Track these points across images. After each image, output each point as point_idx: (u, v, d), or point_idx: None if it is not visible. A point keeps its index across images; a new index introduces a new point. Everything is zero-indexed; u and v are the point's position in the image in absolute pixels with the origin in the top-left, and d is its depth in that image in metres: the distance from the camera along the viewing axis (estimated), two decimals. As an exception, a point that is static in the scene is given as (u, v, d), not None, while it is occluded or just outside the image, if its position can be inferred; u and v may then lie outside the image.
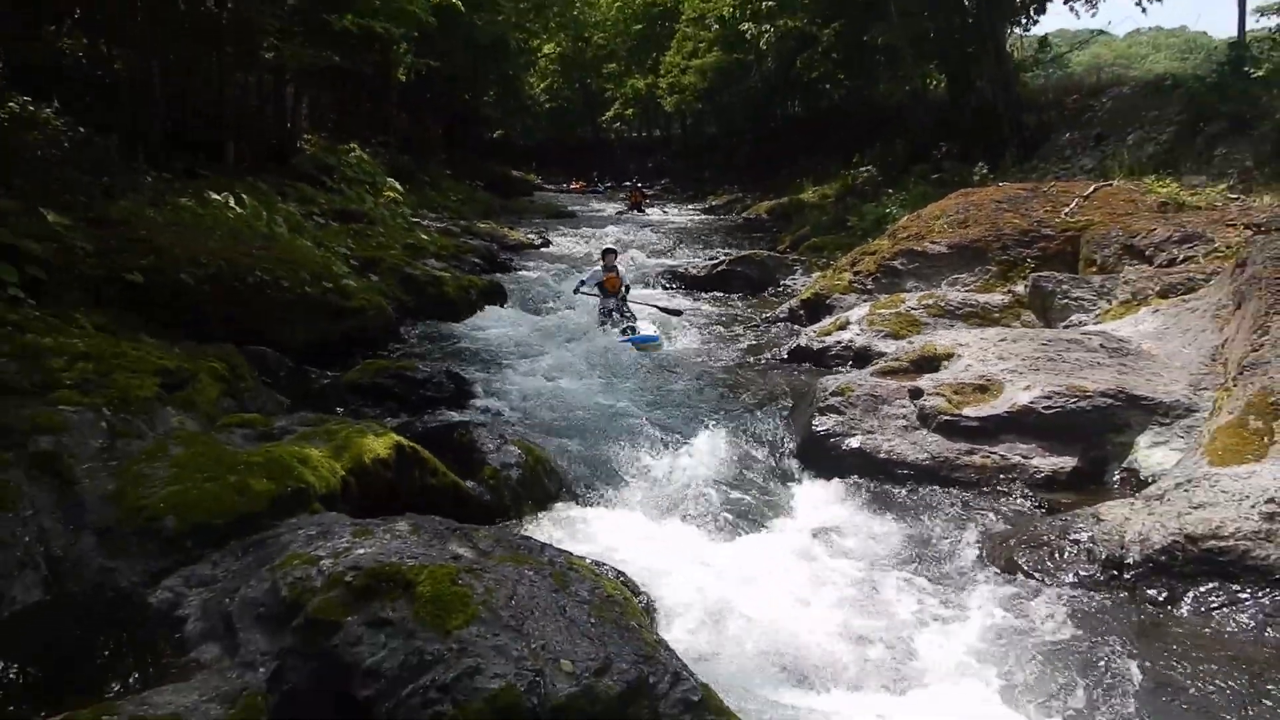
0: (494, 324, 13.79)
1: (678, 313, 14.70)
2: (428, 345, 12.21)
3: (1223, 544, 5.87)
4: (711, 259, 19.82)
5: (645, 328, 13.34)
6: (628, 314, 13.90)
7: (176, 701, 3.56)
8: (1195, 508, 6.16)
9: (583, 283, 14.31)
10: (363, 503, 5.76)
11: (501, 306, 15.19)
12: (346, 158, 22.99)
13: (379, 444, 6.22)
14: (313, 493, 5.36)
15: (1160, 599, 5.84)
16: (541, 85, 61.61)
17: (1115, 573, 6.06)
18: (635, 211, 33.07)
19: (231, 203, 13.06)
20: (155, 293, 8.83)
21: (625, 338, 12.66)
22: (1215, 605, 5.70)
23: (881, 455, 8.10)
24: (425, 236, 18.95)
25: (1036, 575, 6.19)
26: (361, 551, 4.24)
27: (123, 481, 5.04)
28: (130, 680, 4.06)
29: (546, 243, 24.03)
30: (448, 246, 18.76)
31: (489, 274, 17.39)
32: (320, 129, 26.35)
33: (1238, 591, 5.72)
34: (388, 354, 11.02)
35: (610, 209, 33.67)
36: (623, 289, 14.19)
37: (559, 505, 7.37)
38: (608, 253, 14.68)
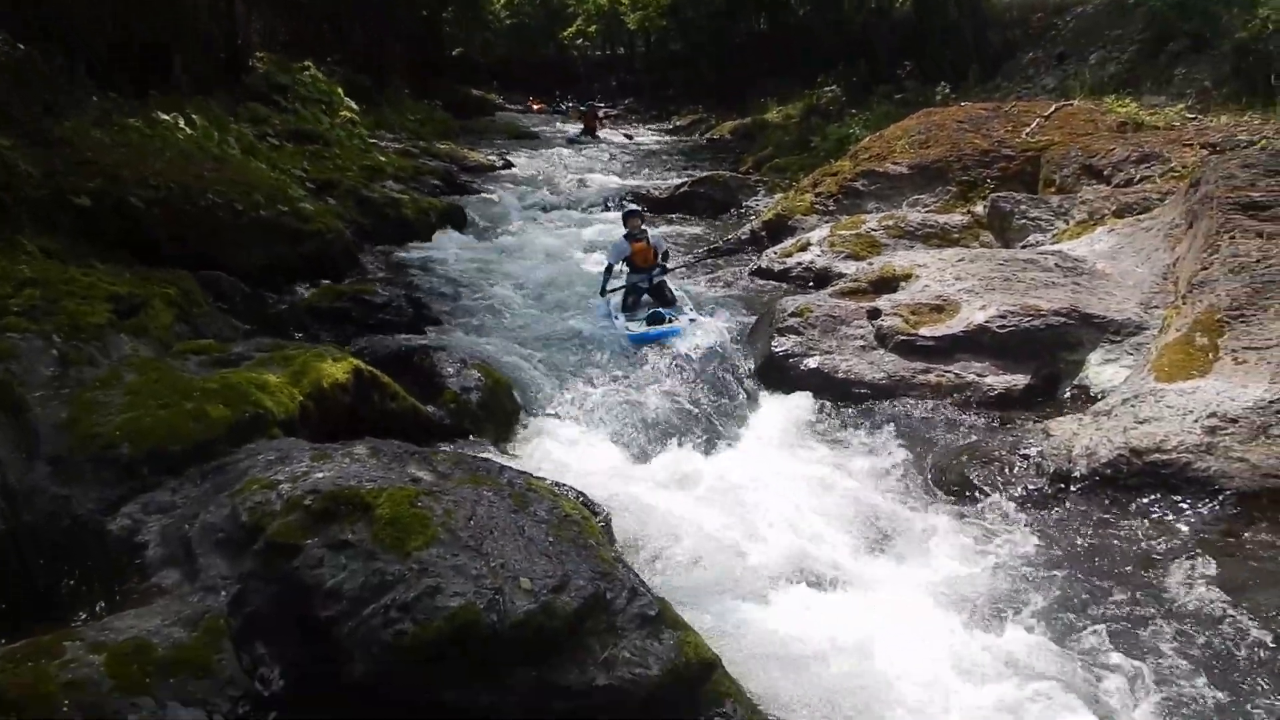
0: (454, 247, 13.66)
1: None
2: (386, 269, 12.11)
3: (1165, 457, 6.05)
4: (674, 181, 19.69)
5: (682, 318, 9.81)
6: (668, 294, 10.47)
7: (138, 626, 3.59)
8: (1140, 422, 6.32)
9: (609, 271, 10.45)
10: (322, 428, 5.77)
11: (461, 229, 15.02)
12: (300, 77, 22.40)
13: (337, 369, 6.20)
14: (271, 418, 5.35)
15: (1105, 510, 6.02)
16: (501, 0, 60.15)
17: (1063, 486, 6.22)
18: (589, 136, 30.11)
19: (181, 123, 12.73)
20: (104, 217, 8.63)
21: (636, 331, 9.46)
22: (1156, 515, 5.88)
23: (839, 375, 8.20)
24: (383, 158, 18.61)
25: (987, 489, 6.34)
26: (320, 475, 4.26)
27: (76, 409, 5.01)
28: (92, 607, 4.10)
29: (508, 164, 23.68)
30: (406, 168, 18.45)
31: (448, 196, 17.15)
32: (273, 47, 25.62)
33: (1178, 502, 5.91)
34: (345, 278, 10.91)
35: (573, 129, 33.04)
36: (658, 261, 10.69)
37: (519, 427, 7.42)
38: (630, 216, 10.84)
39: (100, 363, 5.66)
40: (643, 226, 10.72)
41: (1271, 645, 4.72)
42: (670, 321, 9.52)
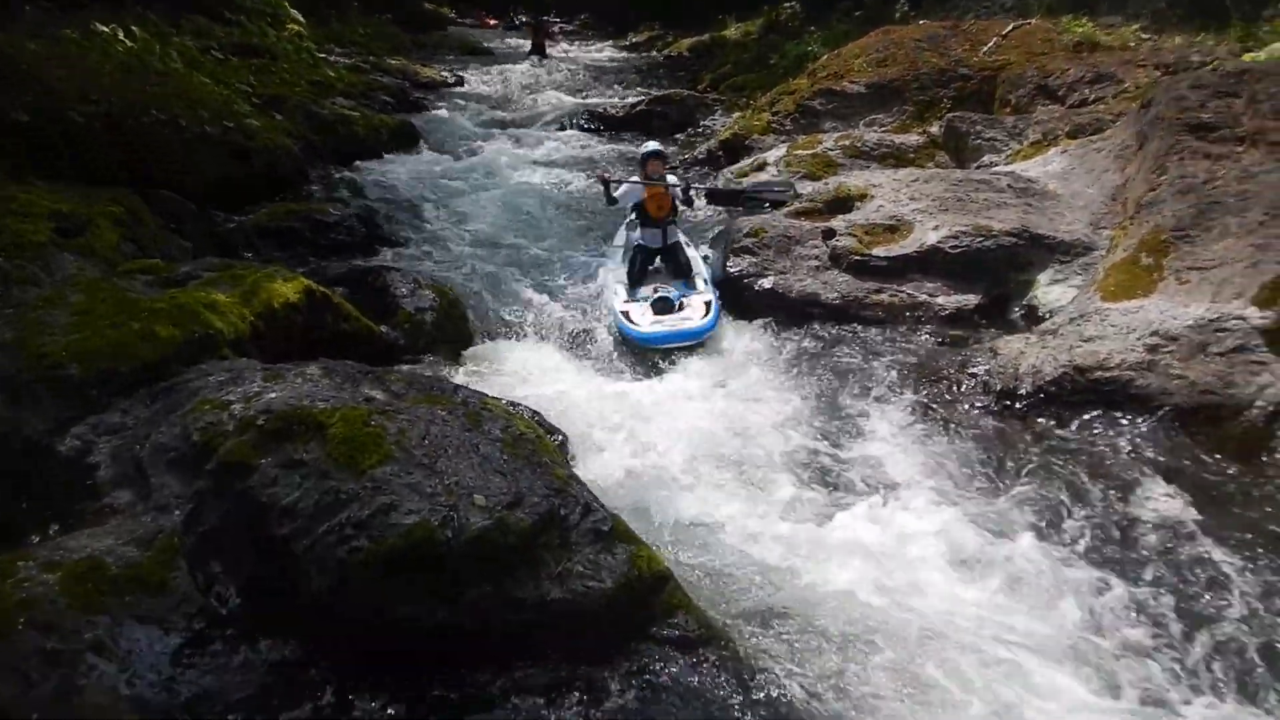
0: (406, 165, 13.45)
1: (784, 198, 9.52)
2: (337, 188, 11.89)
3: (1108, 374, 6.20)
4: (631, 99, 19.45)
5: (697, 301, 8.04)
6: (682, 260, 8.75)
7: (92, 545, 3.60)
8: (1085, 341, 6.45)
9: (627, 221, 9.17)
10: (274, 349, 5.73)
11: (414, 148, 14.78)
12: (245, -12, 21.69)
13: (289, 288, 6.14)
14: (221, 339, 5.30)
15: (1049, 427, 6.18)
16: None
17: (1009, 403, 6.36)
18: (538, 55, 27.99)
19: (120, 35, 12.32)
20: (43, 133, 8.36)
21: (644, 330, 7.67)
22: (1098, 431, 6.05)
23: (794, 295, 8.25)
24: (332, 73, 18.16)
25: (936, 407, 6.47)
26: (273, 395, 4.25)
27: (21, 329, 4.93)
28: (44, 528, 4.08)
29: (460, 81, 23.22)
30: (356, 84, 18.03)
31: (400, 113, 16.81)
32: (215, -44, 24.70)
33: (1119, 418, 6.08)
34: (296, 197, 10.72)
35: (529, 45, 32.28)
36: (674, 213, 8.93)
37: (474, 347, 7.43)
38: (650, 157, 8.90)
39: (44, 282, 5.57)
40: (662, 171, 8.87)
41: (1201, 553, 4.92)
42: (680, 308, 7.85)
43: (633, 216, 8.88)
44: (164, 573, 3.55)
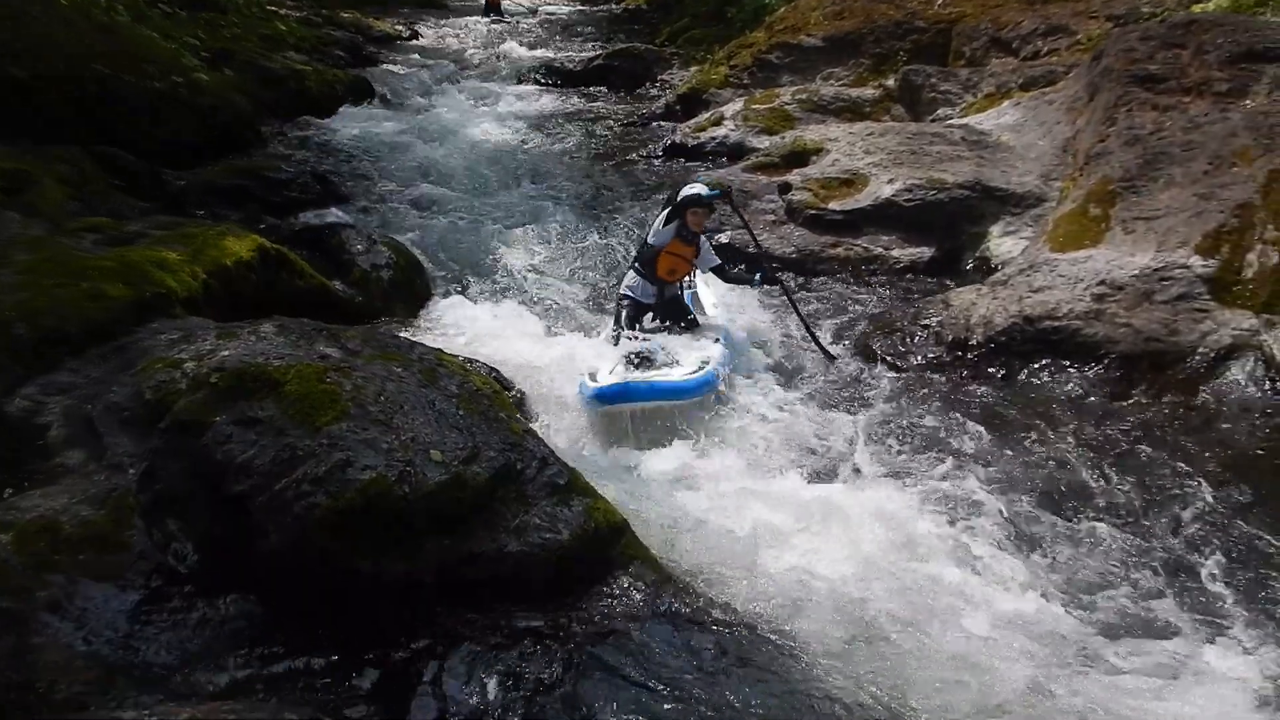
0: (361, 121, 13.26)
1: (832, 358, 6.81)
2: (290, 144, 11.72)
3: (1056, 324, 6.32)
4: (588, 53, 19.27)
5: (691, 356, 6.22)
6: (688, 316, 6.92)
7: (44, 505, 3.58)
8: (1034, 291, 6.57)
9: (645, 247, 6.82)
10: (227, 307, 5.67)
11: (368, 103, 14.55)
12: (191, -62, 21.14)
13: (241, 246, 6.08)
14: (173, 297, 5.24)
15: (999, 376, 6.30)
16: None
17: (960, 354, 6.48)
18: (493, 14, 26.21)
19: (63, -11, 11.97)
20: (-17, 89, 8.19)
21: (601, 384, 5.74)
22: (1046, 379, 6.19)
23: (750, 249, 8.28)
24: (283, 27, 17.78)
25: (889, 358, 6.57)
26: (226, 353, 4.22)
27: (-34, 289, 4.85)
28: (-4, 488, 4.06)
29: (415, 35, 22.86)
30: (308, 38, 17.69)
31: (354, 68, 16.54)
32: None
33: (1067, 366, 6.22)
34: (247, 154, 10.55)
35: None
36: (689, 281, 7.10)
37: (431, 305, 7.40)
38: (692, 207, 6.55)
39: (-12, 242, 5.46)
40: (702, 224, 6.73)
41: (1139, 494, 5.06)
42: (660, 370, 5.99)
43: (643, 270, 6.72)
44: (119, 531, 3.55)
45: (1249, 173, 6.74)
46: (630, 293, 6.72)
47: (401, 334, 6.19)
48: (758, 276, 6.84)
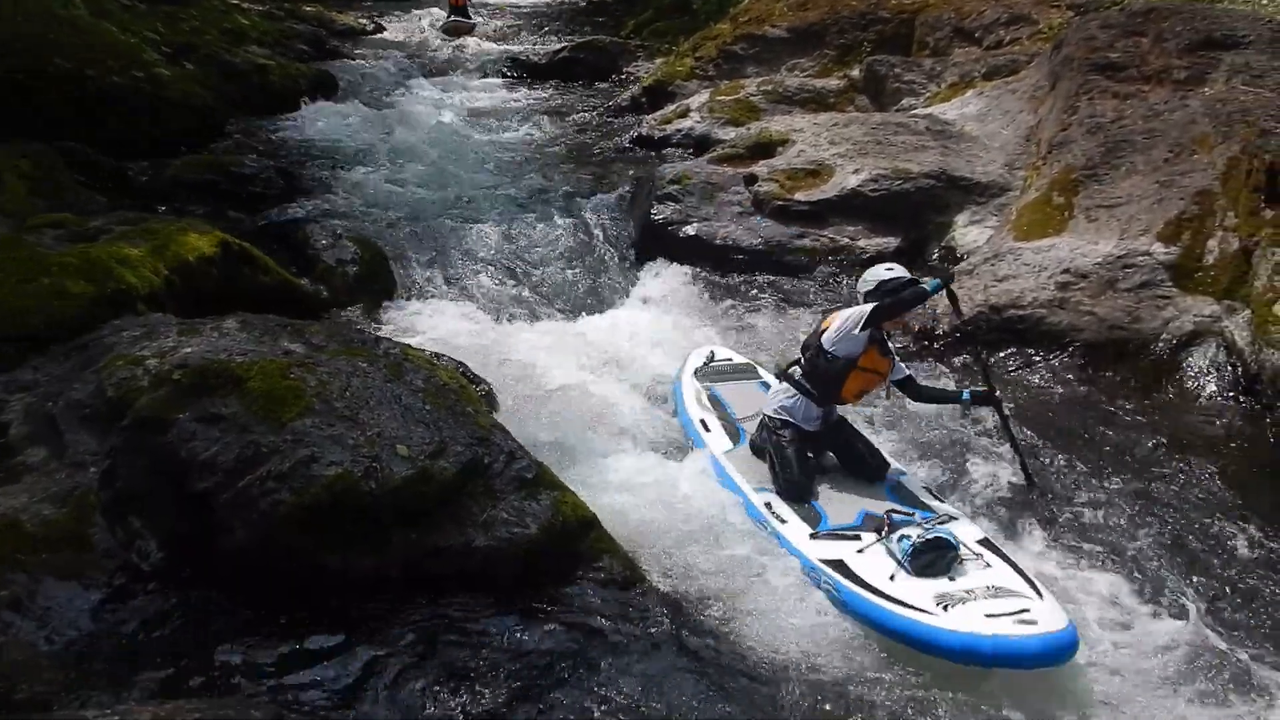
0: (324, 116, 13.10)
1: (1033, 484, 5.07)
2: (254, 139, 11.57)
3: (1021, 312, 6.39)
4: (553, 46, 19.19)
5: (970, 540, 4.37)
6: (857, 448, 5.08)
7: (5, 504, 3.55)
8: (999, 280, 6.63)
9: (822, 359, 4.90)
10: (190, 303, 5.62)
11: (332, 97, 14.41)
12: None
13: (203, 242, 6.03)
14: (135, 293, 5.20)
15: (965, 363, 6.35)
16: None
17: (926, 343, 6.53)
18: (459, 19, 23.24)
19: (20, -17, 11.77)
20: (-59, 85, 8.06)
21: (964, 628, 3.80)
22: (1012, 368, 6.25)
23: (717, 241, 8.30)
24: (245, 21, 17.55)
25: (856, 349, 6.58)
26: (189, 350, 4.19)
27: (-77, 288, 4.78)
28: (-45, 488, 4.00)
29: (379, 28, 22.68)
30: (271, 32, 17.48)
31: (317, 62, 16.37)
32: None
33: (1032, 355, 6.29)
34: (210, 149, 10.42)
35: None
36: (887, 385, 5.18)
37: (398, 300, 7.36)
38: (884, 310, 4.74)
39: (-55, 239, 5.38)
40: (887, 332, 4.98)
41: (1105, 479, 5.12)
42: (963, 562, 4.19)
43: (801, 389, 4.96)
44: (82, 529, 3.52)
45: (1209, 160, 6.83)
46: (789, 417, 4.93)
47: (367, 329, 6.17)
48: (965, 395, 5.00)
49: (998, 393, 5.02)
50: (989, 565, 4.15)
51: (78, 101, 9.14)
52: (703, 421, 5.50)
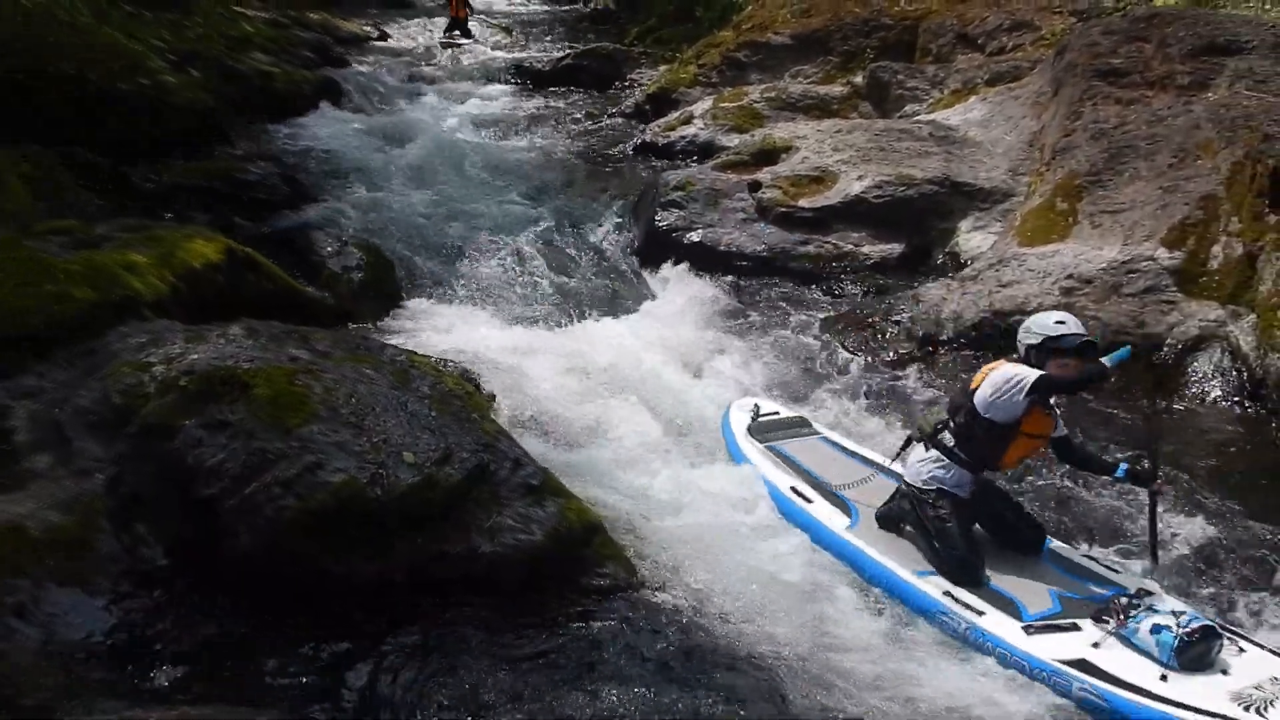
0: (329, 122, 13.15)
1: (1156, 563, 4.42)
2: (259, 146, 11.58)
3: (1026, 318, 6.35)
4: (557, 54, 19.23)
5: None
6: (1008, 515, 4.58)
7: (11, 511, 3.54)
8: (1004, 286, 6.63)
9: (979, 425, 4.32)
10: (195, 310, 5.62)
11: (337, 104, 14.45)
12: (154, -61, 20.90)
13: (209, 248, 6.02)
14: (141, 300, 5.19)
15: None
16: None
17: (930, 349, 6.53)
18: (457, 33, 22.36)
19: (24, -10, 11.81)
20: (-54, 91, 8.06)
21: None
22: (1016, 374, 6.22)
23: (721, 248, 8.31)
24: (250, 28, 17.58)
25: (860, 353, 6.61)
26: (195, 356, 4.20)
27: (-70, 294, 4.78)
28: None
29: (383, 35, 22.70)
30: (276, 39, 17.48)
31: (322, 69, 16.37)
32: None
33: (1036, 361, 6.25)
34: (215, 155, 10.44)
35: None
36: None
37: (403, 306, 7.36)
38: (1071, 352, 4.19)
39: (-49, 245, 5.38)
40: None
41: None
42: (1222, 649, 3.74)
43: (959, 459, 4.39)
44: (87, 535, 3.52)
45: (1212, 165, 6.84)
46: (943, 486, 4.38)
47: (372, 335, 6.18)
48: (1121, 471, 4.39)
49: (1160, 481, 4.37)
50: (1243, 650, 3.75)
51: (81, 106, 9.15)
52: (795, 490, 4.87)
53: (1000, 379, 4.16)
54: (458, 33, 22.42)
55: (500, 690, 3.38)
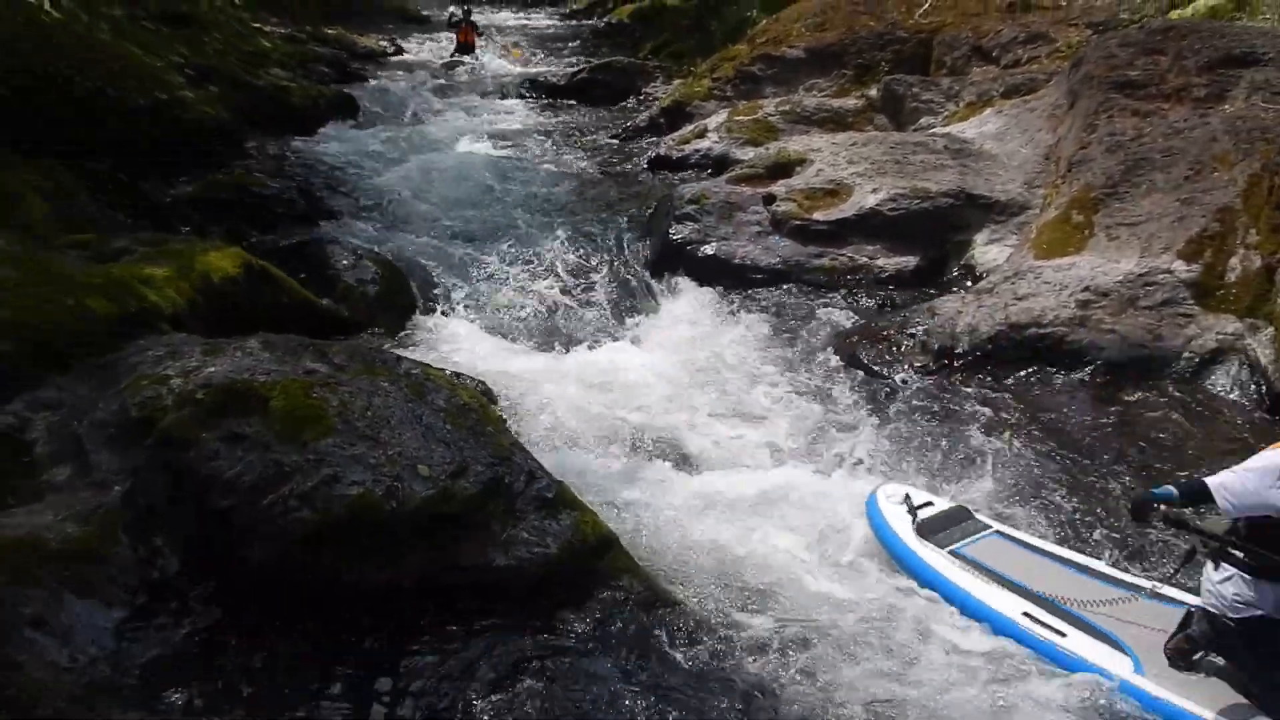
0: (345, 137, 13.25)
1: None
2: (275, 160, 11.66)
3: (1042, 331, 6.36)
4: (572, 68, 19.30)
5: None
6: None
7: (30, 523, 3.56)
8: (1020, 299, 6.60)
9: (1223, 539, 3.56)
10: (213, 323, 5.66)
11: (353, 119, 14.55)
12: (173, -44, 21.10)
13: (226, 262, 6.06)
14: (158, 313, 5.23)
15: (986, 382, 6.33)
16: None
17: (946, 362, 6.50)
18: (467, 56, 21.68)
19: (46, 5, 11.96)
20: (-34, 106, 8.13)
21: None
22: (1033, 386, 6.23)
23: (736, 261, 8.31)
24: (267, 43, 17.75)
25: (876, 367, 6.59)
26: (212, 369, 4.23)
27: (-50, 307, 4.82)
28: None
29: (399, 50, 22.86)
30: (293, 54, 17.65)
31: (338, 84, 16.53)
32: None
33: (1053, 373, 6.26)
34: (231, 169, 10.51)
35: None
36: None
37: (417, 319, 7.39)
38: None
39: (-29, 259, 5.43)
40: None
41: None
42: None
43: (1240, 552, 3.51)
44: (104, 547, 3.53)
45: (1229, 177, 6.81)
46: (1258, 609, 3.44)
47: (388, 349, 6.19)
48: None
49: None
50: None
51: (101, 121, 9.20)
52: (1029, 615, 4.07)
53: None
54: (465, 57, 22.29)
55: (507, 698, 3.39)
